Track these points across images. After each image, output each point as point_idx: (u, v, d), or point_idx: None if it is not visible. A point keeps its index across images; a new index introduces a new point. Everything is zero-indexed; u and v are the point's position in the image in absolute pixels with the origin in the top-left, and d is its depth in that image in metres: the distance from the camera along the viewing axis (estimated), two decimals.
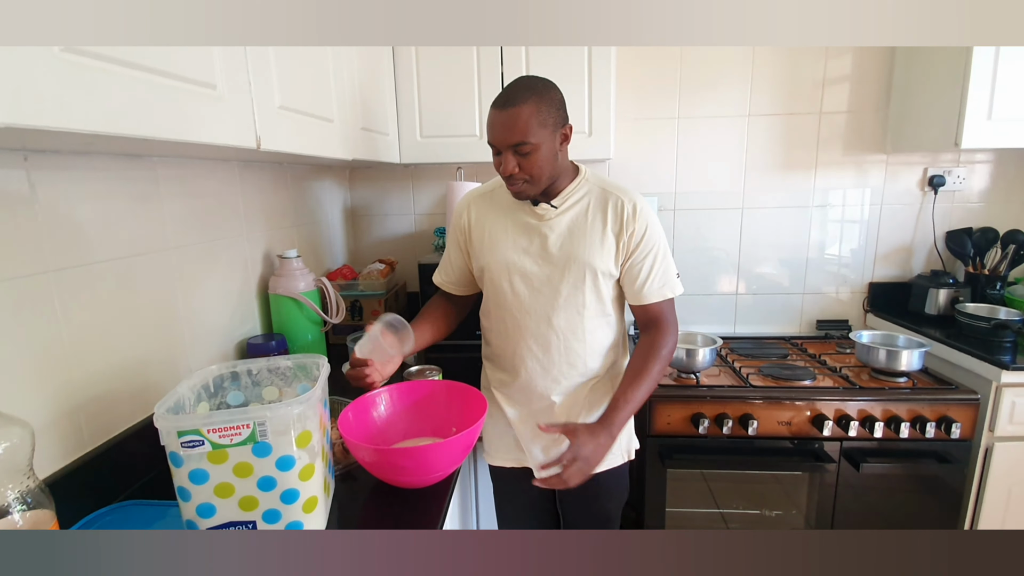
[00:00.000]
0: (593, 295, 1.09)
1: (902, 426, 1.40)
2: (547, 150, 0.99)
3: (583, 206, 1.08)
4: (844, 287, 1.97)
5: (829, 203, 1.91)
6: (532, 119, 0.96)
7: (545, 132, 0.98)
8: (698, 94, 1.85)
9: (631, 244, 1.07)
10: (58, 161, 0.80)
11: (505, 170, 1.00)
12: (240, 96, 0.78)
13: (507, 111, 0.96)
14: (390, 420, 1.02)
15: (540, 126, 0.97)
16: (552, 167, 1.02)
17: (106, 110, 0.54)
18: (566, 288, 1.08)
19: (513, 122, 0.95)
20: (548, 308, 1.09)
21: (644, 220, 1.06)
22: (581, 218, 1.08)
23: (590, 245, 1.06)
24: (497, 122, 0.98)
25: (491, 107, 1.00)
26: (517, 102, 0.96)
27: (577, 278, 1.07)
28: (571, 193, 1.09)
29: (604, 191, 1.09)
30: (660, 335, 1.10)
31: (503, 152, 0.99)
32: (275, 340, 1.30)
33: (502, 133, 0.97)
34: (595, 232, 1.07)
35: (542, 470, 1.01)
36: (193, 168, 1.12)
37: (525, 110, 0.95)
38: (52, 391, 0.80)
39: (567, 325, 1.09)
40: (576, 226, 1.07)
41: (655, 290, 1.09)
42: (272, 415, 0.69)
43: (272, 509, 0.72)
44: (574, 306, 1.09)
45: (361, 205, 2.03)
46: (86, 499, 0.84)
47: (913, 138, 1.71)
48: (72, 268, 0.83)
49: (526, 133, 0.96)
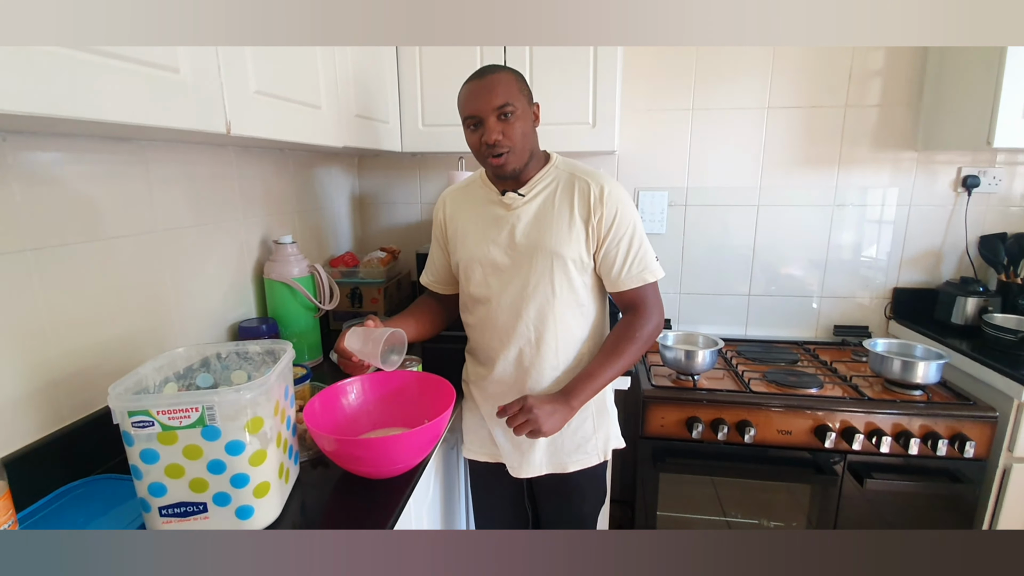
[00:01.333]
0: (563, 284, 1.06)
1: (911, 442, 1.31)
2: (525, 120, 1.01)
3: (549, 192, 1.06)
4: (866, 291, 1.87)
5: (853, 202, 1.80)
6: (512, 84, 0.99)
7: (523, 101, 1.00)
8: (714, 85, 1.77)
9: (601, 229, 1.03)
10: (38, 142, 0.82)
11: (489, 137, 0.98)
12: (207, 80, 0.78)
13: (486, 78, 0.98)
14: (362, 409, 1.02)
15: (520, 92, 1.00)
16: (531, 140, 1.03)
17: (46, 93, 0.54)
18: (534, 278, 1.05)
19: (495, 86, 0.97)
20: (518, 300, 1.07)
21: (613, 204, 1.02)
22: (548, 205, 1.05)
23: (557, 232, 1.03)
24: (478, 88, 0.98)
25: (465, 84, 1.01)
26: (496, 71, 0.99)
27: (544, 267, 1.05)
28: (539, 180, 1.07)
29: (572, 176, 1.06)
30: (638, 317, 1.07)
31: (486, 119, 0.98)
32: (266, 324, 1.32)
33: (485, 97, 0.98)
34: (562, 219, 1.04)
35: (498, 412, 1.01)
36: (185, 152, 1.13)
37: (504, 76, 0.99)
38: (27, 366, 0.83)
39: (537, 316, 1.07)
40: (543, 214, 1.05)
41: (633, 276, 1.05)
42: (220, 400, 0.69)
43: (222, 492, 0.73)
44: (543, 296, 1.06)
45: (369, 193, 2.04)
46: (62, 471, 0.86)
47: (945, 135, 1.59)
48: (52, 247, 0.85)
49: (508, 95, 0.97)
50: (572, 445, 1.14)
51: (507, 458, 1.16)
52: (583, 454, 1.14)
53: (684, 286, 1.94)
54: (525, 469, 1.14)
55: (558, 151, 1.14)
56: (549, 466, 1.15)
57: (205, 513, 0.73)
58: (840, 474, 1.39)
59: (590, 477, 1.17)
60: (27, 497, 0.79)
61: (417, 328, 1.15)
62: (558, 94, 1.49)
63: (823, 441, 1.35)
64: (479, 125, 0.99)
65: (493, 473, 1.20)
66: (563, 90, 1.51)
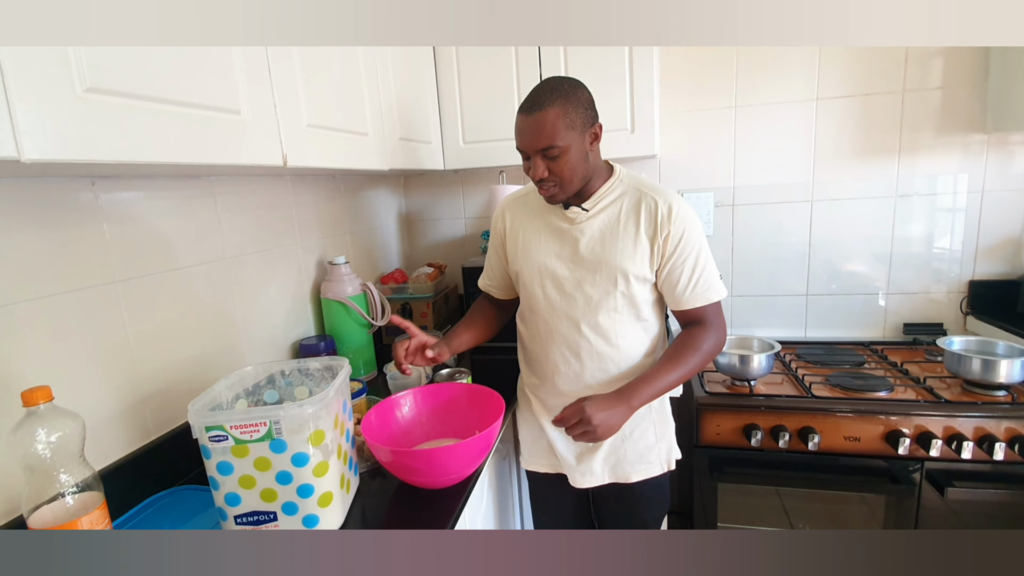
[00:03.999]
0: (625, 300, 1.05)
1: (996, 446, 1.21)
2: (576, 152, 0.98)
3: (616, 208, 1.05)
4: (939, 286, 1.74)
5: (918, 191, 1.69)
6: (559, 121, 0.95)
7: (573, 134, 0.96)
8: (757, 79, 1.72)
9: (666, 248, 1.02)
10: (122, 184, 0.92)
11: (535, 175, 0.99)
12: (265, 119, 0.85)
13: (533, 116, 0.96)
14: (415, 421, 1.05)
15: (568, 128, 0.95)
16: (583, 168, 1.00)
17: (127, 141, 0.61)
18: (597, 293, 1.05)
19: (540, 126, 0.95)
20: (579, 313, 1.07)
21: (681, 222, 1.01)
22: (613, 221, 1.04)
23: (622, 249, 1.03)
24: (524, 128, 0.98)
25: (518, 112, 1.00)
26: (543, 106, 0.95)
27: (608, 282, 1.04)
28: (604, 195, 1.06)
29: (639, 192, 1.05)
30: (702, 330, 1.06)
31: (532, 157, 0.98)
32: (324, 341, 1.39)
33: (530, 138, 0.97)
34: (628, 235, 1.03)
35: (554, 421, 1.02)
36: (247, 184, 1.22)
37: (551, 113, 0.94)
38: (118, 387, 0.92)
39: (599, 330, 1.07)
40: (608, 229, 1.05)
41: (698, 295, 1.04)
42: (285, 415, 0.74)
43: (290, 502, 0.78)
44: (606, 311, 1.06)
45: (415, 210, 2.11)
46: (150, 482, 0.95)
47: (1017, 115, 1.47)
48: (137, 278, 0.95)
49: (553, 137, 0.95)
50: (634, 455, 1.13)
51: (567, 469, 1.16)
52: (646, 464, 1.13)
53: (735, 288, 1.88)
54: (587, 479, 1.14)
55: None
56: (611, 475, 1.14)
57: (275, 521, 0.78)
58: (918, 483, 1.30)
59: (653, 486, 1.15)
60: (120, 506, 0.87)
61: (473, 336, 1.18)
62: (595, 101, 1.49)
63: (896, 448, 1.27)
64: (528, 159, 1.00)
65: (553, 484, 1.20)
66: (599, 97, 1.47)
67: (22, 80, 0.50)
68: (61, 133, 0.54)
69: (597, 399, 0.99)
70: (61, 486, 0.65)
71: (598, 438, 0.98)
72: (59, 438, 0.64)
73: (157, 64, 0.65)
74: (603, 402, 0.98)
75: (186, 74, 0.70)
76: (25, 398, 0.64)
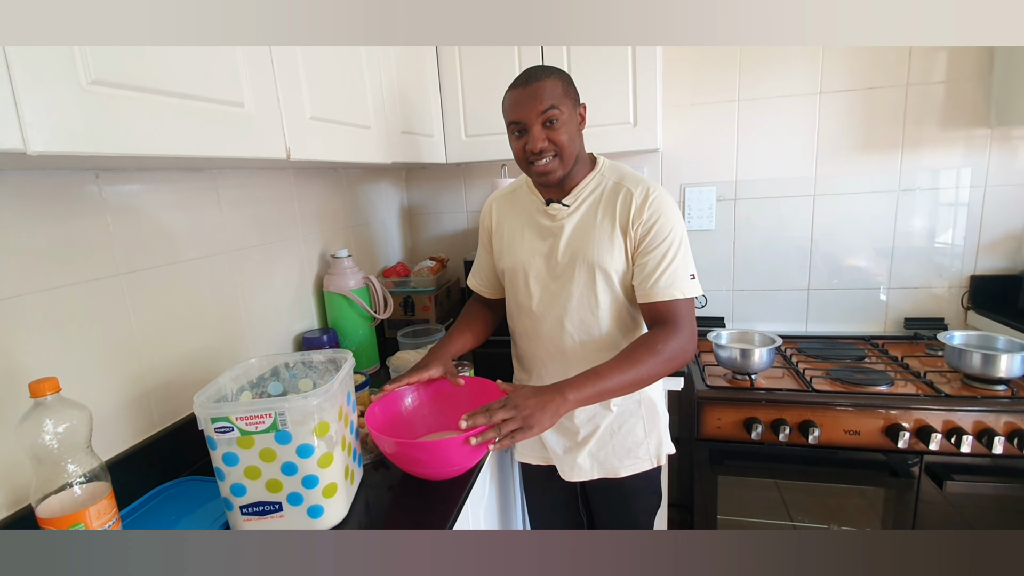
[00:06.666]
0: (607, 295, 1.04)
1: (995, 440, 1.22)
2: (572, 124, 0.99)
3: (593, 201, 1.04)
4: (940, 281, 1.74)
5: (921, 185, 1.69)
6: (557, 88, 0.97)
7: (569, 104, 0.98)
8: (760, 74, 1.72)
9: (637, 236, 1.00)
10: (126, 177, 0.92)
11: (534, 145, 0.97)
12: (268, 112, 0.85)
13: (531, 86, 0.97)
14: (418, 414, 1.06)
15: (565, 95, 0.98)
16: (576, 144, 1.01)
17: (131, 134, 0.61)
18: (577, 289, 1.05)
19: (540, 92, 0.96)
20: (560, 310, 1.07)
21: (653, 210, 0.99)
22: (591, 215, 1.04)
23: (598, 243, 1.02)
24: (523, 97, 0.97)
25: (509, 89, 1.00)
26: (541, 77, 0.97)
27: (587, 279, 1.04)
28: (584, 188, 1.05)
29: (617, 183, 1.04)
30: (664, 332, 0.96)
31: (531, 127, 0.97)
32: (327, 334, 1.39)
33: (530, 103, 0.96)
34: (604, 230, 1.02)
35: (464, 419, 0.85)
36: (250, 177, 1.22)
37: (550, 82, 0.97)
38: (123, 379, 0.92)
39: (581, 327, 1.06)
40: (587, 225, 1.04)
41: (661, 288, 0.98)
42: (290, 406, 0.75)
43: (295, 492, 0.78)
44: (587, 307, 1.05)
45: (417, 204, 2.11)
46: (155, 473, 0.96)
47: (1022, 109, 1.47)
48: (141, 271, 0.95)
49: (554, 98, 0.96)
50: (623, 450, 1.13)
51: (557, 460, 1.17)
52: (634, 459, 1.13)
53: (737, 283, 1.88)
54: (576, 473, 1.15)
55: (599, 153, 1.13)
56: (600, 471, 1.14)
57: (280, 512, 0.79)
58: (917, 476, 1.31)
59: (643, 480, 1.16)
60: (127, 496, 0.87)
61: (471, 339, 1.18)
62: (597, 94, 1.49)
63: (896, 441, 1.28)
64: (524, 132, 0.98)
65: (546, 476, 1.21)
66: (602, 90, 1.51)
67: (27, 72, 0.50)
68: (66, 126, 0.54)
69: (527, 389, 0.89)
70: (69, 476, 0.65)
71: (532, 433, 0.85)
72: (66, 429, 0.65)
73: (161, 57, 0.65)
74: (533, 393, 0.87)
75: (190, 67, 0.70)
76: (32, 389, 0.64)
